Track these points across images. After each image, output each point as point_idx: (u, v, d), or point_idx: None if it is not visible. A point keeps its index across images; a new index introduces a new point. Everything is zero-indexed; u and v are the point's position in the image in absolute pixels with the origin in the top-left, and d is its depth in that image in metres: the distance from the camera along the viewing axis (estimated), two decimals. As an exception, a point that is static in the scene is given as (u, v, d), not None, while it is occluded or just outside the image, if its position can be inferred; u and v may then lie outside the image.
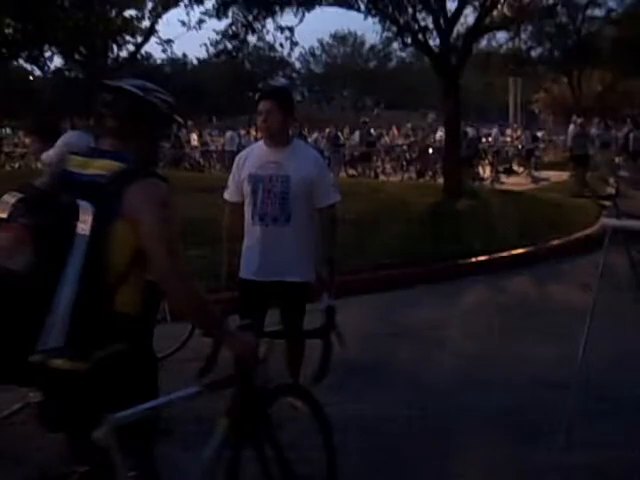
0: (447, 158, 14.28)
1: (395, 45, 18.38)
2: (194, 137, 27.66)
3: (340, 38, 66.38)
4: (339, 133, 25.07)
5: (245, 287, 4.16)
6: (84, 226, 2.14)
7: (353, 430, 3.93)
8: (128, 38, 25.14)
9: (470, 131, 21.32)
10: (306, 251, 4.14)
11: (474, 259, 8.58)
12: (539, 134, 28.23)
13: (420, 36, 13.81)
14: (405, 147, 24.66)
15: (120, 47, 25.32)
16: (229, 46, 15.13)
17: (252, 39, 15.38)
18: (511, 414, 4.35)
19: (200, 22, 15.51)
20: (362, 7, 14.05)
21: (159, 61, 52.09)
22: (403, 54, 50.03)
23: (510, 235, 9.59)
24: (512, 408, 4.43)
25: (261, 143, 4.28)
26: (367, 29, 79.86)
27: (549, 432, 3.92)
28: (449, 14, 13.56)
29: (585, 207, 12.41)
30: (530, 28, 28.16)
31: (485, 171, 20.80)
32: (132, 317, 2.29)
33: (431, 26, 13.62)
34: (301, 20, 14.62)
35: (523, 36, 28.17)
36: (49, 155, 4.86)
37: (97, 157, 2.34)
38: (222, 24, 14.68)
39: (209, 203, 8.49)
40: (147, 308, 2.39)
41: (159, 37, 25.73)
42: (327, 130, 25.25)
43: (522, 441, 3.98)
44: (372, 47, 62.08)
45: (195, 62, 59.32)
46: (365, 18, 14.34)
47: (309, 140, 23.48)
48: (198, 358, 2.84)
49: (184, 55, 57.60)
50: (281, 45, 15.82)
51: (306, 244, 4.13)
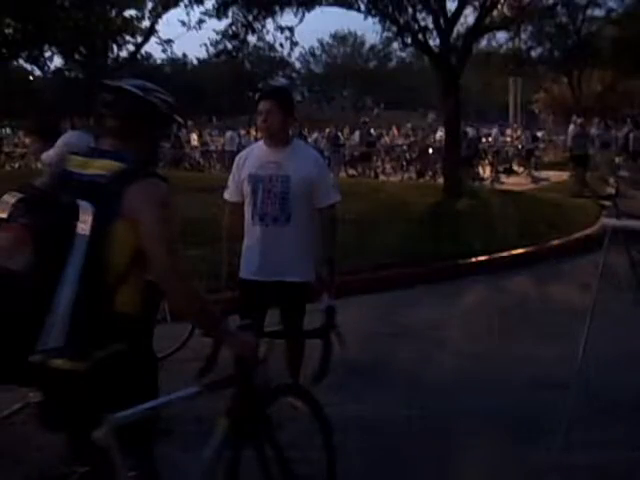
0: (447, 158, 14.28)
1: (395, 45, 18.39)
2: (194, 137, 27.67)
3: (340, 38, 66.52)
4: (339, 133, 25.08)
5: (245, 287, 4.16)
6: (84, 226, 2.14)
7: (353, 430, 3.92)
8: (128, 38, 25.23)
9: (470, 131, 21.35)
10: (306, 251, 4.14)
11: (474, 259, 8.58)
12: (539, 134, 28.25)
13: (420, 36, 13.81)
14: (405, 147, 24.67)
15: (120, 47, 25.41)
16: (229, 46, 15.15)
17: (252, 39, 15.41)
18: (511, 414, 4.34)
19: (200, 22, 15.51)
20: (362, 7, 14.07)
21: (159, 61, 52.29)
22: (403, 54, 50.03)
23: (510, 235, 9.59)
24: (512, 408, 4.42)
25: (261, 143, 4.28)
26: (367, 29, 79.99)
27: (549, 432, 3.91)
28: (449, 14, 13.57)
29: (585, 207, 12.42)
30: (530, 28, 28.10)
31: (485, 171, 20.79)
32: (132, 317, 2.29)
33: (431, 26, 13.64)
34: (301, 20, 14.65)
35: (523, 36, 28.16)
36: (49, 155, 4.85)
37: (97, 157, 2.34)
38: (222, 24, 14.73)
39: (209, 203, 8.49)
40: (147, 308, 2.39)
41: (159, 37, 25.83)
42: (327, 130, 25.28)
43: (522, 441, 3.98)
44: (372, 47, 62.22)
45: (195, 62, 59.48)
46: (365, 18, 14.37)
47: (309, 140, 23.49)
48: (198, 358, 2.84)
49: (184, 55, 57.82)
50: (281, 45, 15.85)
51: (306, 244, 4.13)
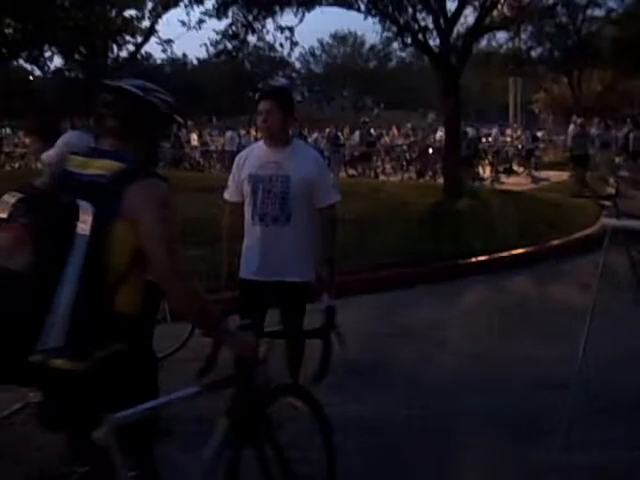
0: (447, 158, 14.28)
1: (395, 45, 18.39)
2: (194, 137, 27.67)
3: (340, 38, 66.52)
4: (339, 133, 25.09)
5: (245, 287, 4.16)
6: (84, 226, 2.14)
7: (353, 430, 3.92)
8: (128, 38, 25.23)
9: (470, 131, 21.35)
10: (306, 251, 4.14)
11: (474, 259, 8.58)
12: (539, 134, 28.25)
13: (420, 36, 13.81)
14: (405, 147, 24.66)
15: (120, 47, 25.41)
16: (229, 46, 15.15)
17: (252, 39, 15.41)
18: (511, 414, 4.34)
19: (200, 22, 15.51)
20: (362, 7, 14.07)
21: (159, 61, 52.31)
22: (403, 54, 50.03)
23: (510, 235, 9.59)
24: (512, 408, 4.42)
25: (261, 143, 4.27)
26: (367, 29, 80.00)
27: (549, 432, 3.91)
28: (449, 14, 13.57)
29: (585, 207, 12.42)
30: (530, 28, 28.09)
31: (485, 171, 20.79)
32: (132, 317, 2.29)
33: (431, 26, 13.64)
34: (301, 20, 14.65)
35: (523, 36, 28.15)
36: (49, 155, 4.85)
37: (97, 157, 2.34)
38: (222, 24, 14.73)
39: (209, 203, 8.50)
40: (147, 308, 2.39)
41: (159, 37, 25.84)
42: (327, 130, 25.28)
43: (522, 441, 3.98)
44: (372, 47, 62.22)
45: (195, 62, 59.48)
46: (365, 18, 14.37)
47: (309, 140, 23.49)
48: (198, 358, 2.84)
49: (184, 55, 57.82)
50: (281, 45, 15.85)
51: (306, 244, 4.13)
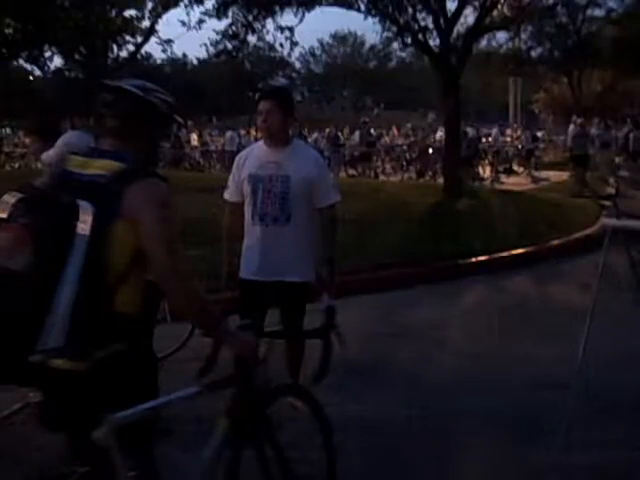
0: (447, 158, 14.28)
1: (395, 45, 18.39)
2: (194, 137, 27.67)
3: (340, 38, 66.52)
4: (339, 133, 25.08)
5: (245, 287, 4.16)
6: (84, 226, 2.14)
7: (353, 430, 3.92)
8: (128, 38, 25.25)
9: (470, 131, 21.35)
10: (306, 251, 4.14)
11: (474, 259, 8.58)
12: (539, 134, 28.25)
13: (420, 36, 13.81)
14: (405, 147, 24.66)
15: (120, 47, 25.43)
16: (229, 46, 15.14)
17: (252, 39, 15.41)
18: (511, 414, 4.34)
19: (200, 22, 15.51)
20: (362, 7, 14.07)
21: (159, 61, 52.32)
22: (403, 54, 50.02)
23: (510, 235, 9.59)
24: (512, 408, 4.42)
25: (261, 143, 4.27)
26: (367, 29, 79.99)
27: (549, 432, 3.91)
28: (449, 14, 13.57)
29: (585, 207, 12.42)
30: (530, 28, 28.09)
31: (485, 171, 20.79)
32: (132, 317, 2.29)
33: (431, 26, 13.64)
34: (301, 20, 14.65)
35: (523, 36, 28.15)
36: (49, 155, 4.85)
37: (97, 157, 2.34)
38: (222, 24, 14.72)
39: (209, 203, 8.50)
40: (147, 308, 2.39)
41: (159, 37, 25.85)
42: (327, 130, 25.28)
43: (522, 441, 3.98)
44: (372, 47, 62.22)
45: (195, 62, 59.48)
46: (365, 18, 14.37)
47: (309, 140, 23.49)
48: (198, 358, 2.84)
49: (184, 55, 57.83)
50: (281, 45, 15.85)
51: (306, 244, 4.13)
